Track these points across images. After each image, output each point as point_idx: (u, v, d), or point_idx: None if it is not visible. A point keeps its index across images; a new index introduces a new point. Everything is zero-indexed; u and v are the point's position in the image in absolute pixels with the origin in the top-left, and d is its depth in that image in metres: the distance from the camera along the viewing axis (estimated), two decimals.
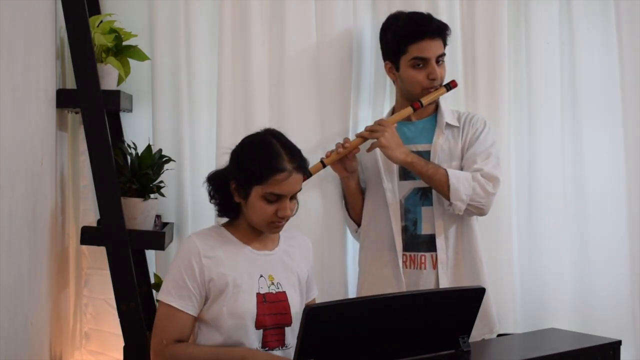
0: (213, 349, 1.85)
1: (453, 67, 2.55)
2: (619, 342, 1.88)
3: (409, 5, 2.47)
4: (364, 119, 2.56)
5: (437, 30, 2.30)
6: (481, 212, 2.29)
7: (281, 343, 1.89)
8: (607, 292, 2.65)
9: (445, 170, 2.25)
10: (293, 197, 1.89)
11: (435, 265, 2.32)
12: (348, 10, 2.53)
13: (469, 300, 1.76)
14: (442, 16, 2.53)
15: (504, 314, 2.53)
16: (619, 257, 2.65)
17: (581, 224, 2.67)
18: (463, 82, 2.59)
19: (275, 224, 1.88)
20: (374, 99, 2.59)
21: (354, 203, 2.45)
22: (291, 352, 1.84)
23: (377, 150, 2.33)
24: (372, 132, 2.28)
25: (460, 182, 2.23)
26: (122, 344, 2.29)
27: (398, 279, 2.33)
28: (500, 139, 2.53)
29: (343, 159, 2.33)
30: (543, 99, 2.62)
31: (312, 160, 2.22)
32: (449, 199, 2.24)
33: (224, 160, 1.98)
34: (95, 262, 2.51)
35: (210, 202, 1.96)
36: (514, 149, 2.64)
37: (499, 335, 2.39)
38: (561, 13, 2.65)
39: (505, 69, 2.58)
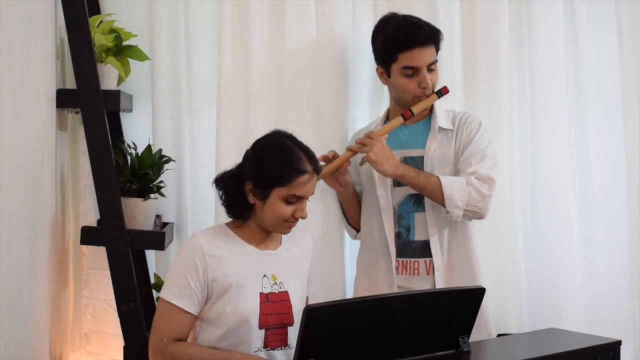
0: (214, 351, 1.85)
1: (453, 66, 2.55)
2: (619, 342, 1.87)
3: (409, 5, 2.46)
4: (362, 119, 2.56)
5: (427, 38, 2.25)
6: (479, 215, 2.27)
7: (284, 343, 1.89)
8: (610, 293, 2.64)
9: (438, 178, 2.22)
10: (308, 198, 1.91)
11: (429, 271, 2.30)
12: (348, 10, 2.53)
13: (469, 300, 1.76)
14: (441, 16, 2.53)
15: (508, 315, 2.53)
16: (620, 258, 2.65)
17: (584, 225, 2.66)
18: (463, 82, 2.58)
19: (289, 224, 1.91)
20: (372, 99, 2.59)
21: (352, 212, 2.45)
22: (294, 351, 1.84)
23: None
24: (362, 145, 2.25)
25: (454, 189, 2.20)
26: (121, 345, 2.29)
27: (391, 284, 2.32)
28: (502, 140, 2.53)
29: (335, 174, 2.31)
30: (548, 98, 2.61)
31: None
32: (445, 207, 2.23)
33: (225, 160, 1.98)
34: (95, 262, 2.50)
35: (222, 204, 1.96)
36: (517, 149, 2.63)
37: (499, 335, 2.39)
38: (565, 12, 2.64)
39: (507, 69, 2.58)
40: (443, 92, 2.31)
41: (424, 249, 2.31)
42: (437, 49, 2.30)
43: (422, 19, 2.30)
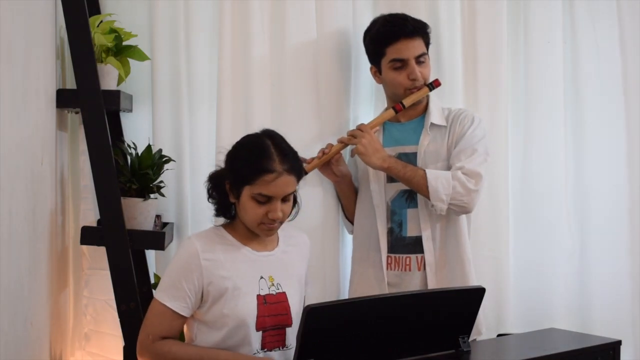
0: (198, 349, 1.86)
1: (453, 65, 2.55)
2: (619, 342, 1.88)
3: (409, 5, 2.47)
4: (362, 116, 2.56)
5: (412, 30, 2.28)
6: (464, 210, 2.26)
7: (282, 344, 1.89)
8: (607, 292, 2.64)
9: (424, 171, 2.23)
10: (286, 199, 1.87)
11: (420, 267, 2.31)
12: (348, 9, 2.54)
13: (469, 300, 1.77)
14: (442, 15, 2.54)
15: (502, 314, 2.53)
16: (618, 257, 2.65)
17: (581, 222, 2.67)
18: (463, 81, 2.59)
19: (266, 226, 1.87)
20: (372, 96, 2.59)
21: (349, 205, 2.46)
22: (292, 352, 1.83)
23: None
24: (352, 137, 2.29)
25: (439, 182, 2.20)
26: (121, 345, 2.29)
27: (381, 280, 2.33)
28: (501, 138, 2.53)
29: (329, 164, 2.34)
30: (543, 97, 2.62)
31: (310, 156, 2.26)
32: (430, 200, 2.23)
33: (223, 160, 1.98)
34: (95, 262, 2.51)
35: (208, 200, 1.97)
36: (512, 147, 2.64)
37: (499, 335, 2.39)
38: (564, 12, 2.65)
39: (505, 66, 2.58)
40: (435, 84, 2.32)
41: (416, 245, 2.32)
42: (427, 43, 2.32)
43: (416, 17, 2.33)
